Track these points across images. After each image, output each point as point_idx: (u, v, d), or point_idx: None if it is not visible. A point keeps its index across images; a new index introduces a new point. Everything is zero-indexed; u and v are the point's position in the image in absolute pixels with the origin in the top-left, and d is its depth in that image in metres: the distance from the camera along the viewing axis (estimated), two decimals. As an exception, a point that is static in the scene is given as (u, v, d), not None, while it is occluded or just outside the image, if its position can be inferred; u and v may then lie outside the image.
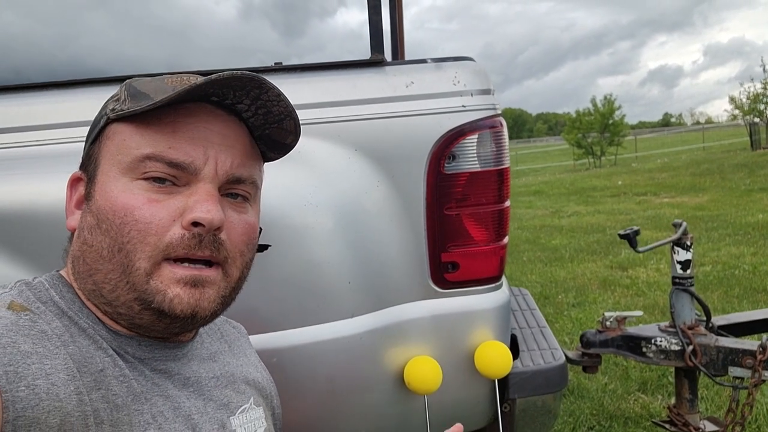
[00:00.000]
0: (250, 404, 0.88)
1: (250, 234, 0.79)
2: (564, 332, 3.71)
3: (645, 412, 2.55)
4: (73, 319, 0.71)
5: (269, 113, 0.79)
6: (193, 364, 0.82)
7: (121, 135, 0.74)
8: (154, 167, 0.71)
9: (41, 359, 0.61)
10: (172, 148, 0.72)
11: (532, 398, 1.30)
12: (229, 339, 0.96)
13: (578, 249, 6.63)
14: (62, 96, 1.20)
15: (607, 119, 27.66)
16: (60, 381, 0.61)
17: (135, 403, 0.70)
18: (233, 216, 0.76)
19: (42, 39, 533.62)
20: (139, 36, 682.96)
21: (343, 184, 1.16)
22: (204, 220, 0.70)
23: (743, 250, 5.82)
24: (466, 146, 1.19)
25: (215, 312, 0.75)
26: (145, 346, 0.76)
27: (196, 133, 0.73)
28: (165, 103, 0.70)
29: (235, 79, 0.71)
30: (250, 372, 0.93)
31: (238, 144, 0.77)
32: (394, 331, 1.20)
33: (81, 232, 0.75)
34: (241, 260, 0.78)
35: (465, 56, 1.27)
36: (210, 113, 0.76)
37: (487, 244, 1.22)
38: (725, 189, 11.24)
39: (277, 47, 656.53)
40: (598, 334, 2.01)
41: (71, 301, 0.73)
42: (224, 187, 0.76)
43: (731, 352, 1.83)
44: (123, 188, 0.71)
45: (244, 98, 0.76)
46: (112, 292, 0.71)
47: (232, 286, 0.77)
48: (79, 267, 0.74)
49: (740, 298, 4.20)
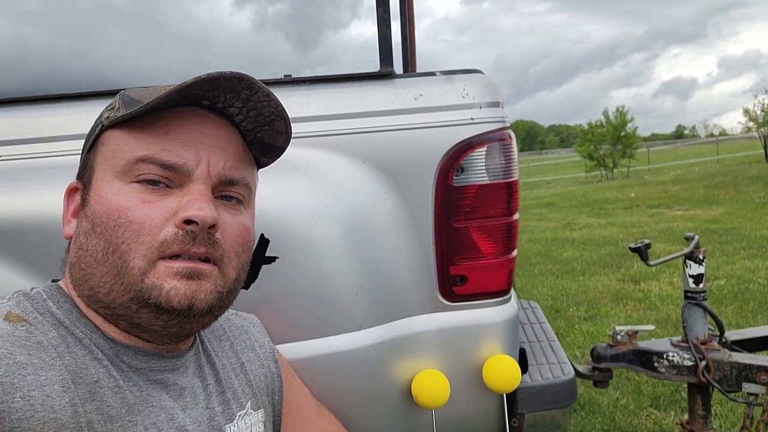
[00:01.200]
0: (247, 410, 0.88)
1: (245, 235, 0.80)
2: (575, 346, 3.68)
3: (657, 428, 2.52)
4: (70, 329, 0.71)
5: (260, 114, 0.80)
6: (190, 372, 0.82)
7: (115, 140, 0.75)
8: (148, 170, 0.72)
9: (37, 370, 0.62)
10: (164, 150, 0.73)
11: (540, 413, 1.29)
12: (233, 335, 0.96)
13: (590, 262, 6.59)
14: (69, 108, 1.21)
15: (620, 131, 27.54)
16: (55, 392, 0.62)
17: (129, 414, 0.70)
18: (227, 217, 0.77)
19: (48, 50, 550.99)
20: (153, 48, 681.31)
21: (351, 196, 1.16)
22: (197, 217, 0.70)
23: (758, 264, 5.75)
24: (474, 159, 1.18)
25: (212, 307, 0.74)
26: (142, 356, 0.76)
27: (189, 135, 0.75)
28: (157, 105, 0.72)
29: (224, 78, 0.72)
30: (252, 370, 0.93)
31: (230, 146, 0.79)
32: (402, 344, 1.19)
33: (77, 238, 0.76)
34: (236, 261, 0.78)
35: (474, 69, 1.27)
36: (202, 116, 0.77)
37: (496, 257, 1.21)
38: (739, 202, 11.13)
39: (291, 58, 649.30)
40: (608, 349, 1.98)
41: (68, 310, 0.74)
42: (217, 188, 0.76)
43: (745, 367, 1.80)
44: (117, 191, 0.72)
45: (235, 101, 0.77)
46: (108, 295, 0.72)
47: (229, 286, 0.77)
48: (76, 273, 0.75)
49: (755, 313, 4.14)
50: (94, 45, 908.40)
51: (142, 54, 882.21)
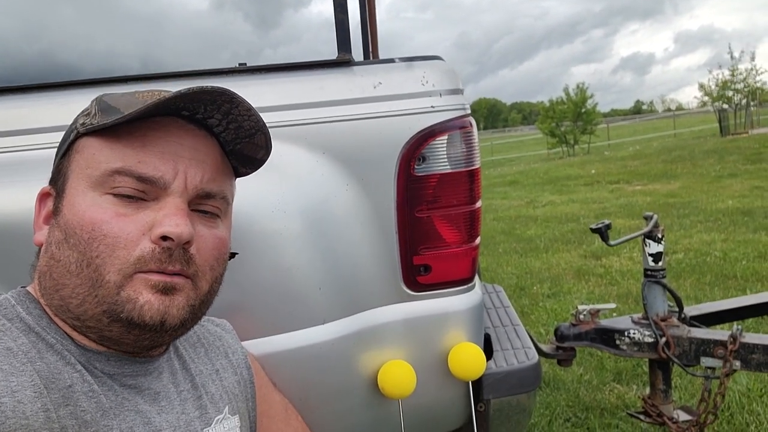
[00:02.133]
0: (225, 414, 0.87)
1: (221, 248, 0.79)
2: (539, 323, 3.74)
3: (620, 402, 2.58)
4: (41, 335, 0.70)
5: (240, 128, 0.79)
6: (164, 377, 0.81)
7: (90, 149, 0.74)
8: (123, 182, 0.71)
9: (7, 376, 0.61)
10: (141, 162, 0.71)
11: (506, 398, 1.30)
12: (207, 341, 0.95)
13: (553, 239, 6.69)
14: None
15: (580, 108, 27.90)
16: (26, 398, 0.61)
17: (104, 418, 0.69)
18: (203, 231, 0.76)
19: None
20: (106, 30, 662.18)
21: (311, 188, 1.14)
22: (173, 234, 0.69)
23: (714, 236, 5.92)
24: (436, 147, 1.17)
25: (184, 321, 0.74)
26: (114, 361, 0.75)
27: (167, 147, 0.73)
28: (135, 116, 0.70)
29: (205, 93, 0.70)
30: (226, 377, 0.93)
31: (208, 159, 0.77)
32: (367, 335, 1.18)
33: (48, 247, 0.74)
34: (210, 274, 0.78)
35: (434, 55, 1.25)
36: (181, 128, 0.75)
37: (459, 246, 1.21)
38: (696, 176, 11.42)
39: (251, 38, 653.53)
40: (572, 328, 2.02)
41: (39, 316, 0.72)
42: (194, 201, 0.75)
43: (703, 342, 1.85)
44: (91, 203, 0.71)
45: (215, 113, 0.75)
46: (80, 307, 0.70)
47: (201, 299, 0.77)
48: (46, 282, 0.74)
49: (712, 285, 4.27)
50: (43, 26, 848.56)
51: (94, 36, 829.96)
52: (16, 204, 1.03)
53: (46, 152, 1.07)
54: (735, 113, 24.33)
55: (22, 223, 0.97)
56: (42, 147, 1.10)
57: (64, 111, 1.10)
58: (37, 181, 0.82)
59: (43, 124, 1.11)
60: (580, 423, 2.46)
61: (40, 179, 0.82)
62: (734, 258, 4.96)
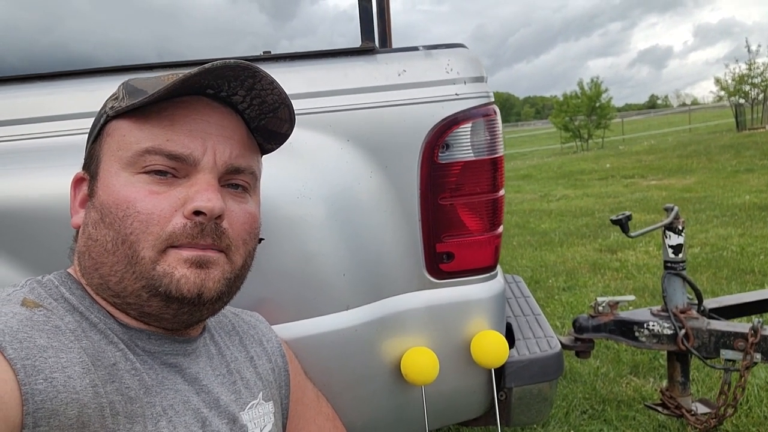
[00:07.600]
0: (259, 400, 0.89)
1: (252, 223, 0.82)
2: (555, 316, 3.73)
3: (637, 395, 2.57)
4: (84, 314, 0.72)
5: (264, 103, 0.80)
6: (201, 361, 0.83)
7: (120, 131, 0.76)
8: (154, 160, 0.73)
9: (57, 353, 0.63)
10: (170, 140, 0.74)
11: (528, 387, 1.30)
12: (242, 330, 0.98)
13: (567, 233, 6.66)
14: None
15: (594, 102, 27.71)
16: (76, 374, 0.63)
17: (147, 395, 0.71)
18: (234, 206, 0.78)
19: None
20: (121, 22, 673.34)
21: (336, 175, 1.14)
22: (205, 208, 0.71)
23: (731, 231, 5.86)
24: (459, 135, 1.17)
25: (221, 294, 0.76)
26: (155, 340, 0.77)
27: (194, 125, 0.75)
28: (161, 95, 0.72)
29: (228, 68, 0.72)
30: (260, 364, 0.95)
31: (235, 135, 0.79)
32: (390, 322, 1.19)
33: (85, 228, 0.77)
34: (244, 248, 0.80)
35: (457, 43, 1.25)
36: (207, 105, 0.77)
37: (482, 234, 1.21)
38: (712, 170, 11.31)
39: (267, 30, 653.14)
40: (590, 319, 2.01)
41: (81, 297, 0.75)
42: (224, 177, 0.77)
43: (723, 335, 1.84)
44: (125, 182, 0.73)
45: (239, 89, 0.77)
46: (119, 284, 0.73)
47: (236, 273, 0.79)
48: (85, 262, 0.76)
49: (729, 280, 4.23)
50: (61, 18, 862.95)
51: (110, 27, 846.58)
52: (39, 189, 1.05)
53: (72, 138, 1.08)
54: (752, 108, 24.03)
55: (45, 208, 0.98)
56: (66, 134, 1.11)
57: (81, 98, 1.12)
58: (64, 167, 0.84)
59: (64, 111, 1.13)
60: (597, 415, 2.46)
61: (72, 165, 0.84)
62: (752, 253, 4.91)
